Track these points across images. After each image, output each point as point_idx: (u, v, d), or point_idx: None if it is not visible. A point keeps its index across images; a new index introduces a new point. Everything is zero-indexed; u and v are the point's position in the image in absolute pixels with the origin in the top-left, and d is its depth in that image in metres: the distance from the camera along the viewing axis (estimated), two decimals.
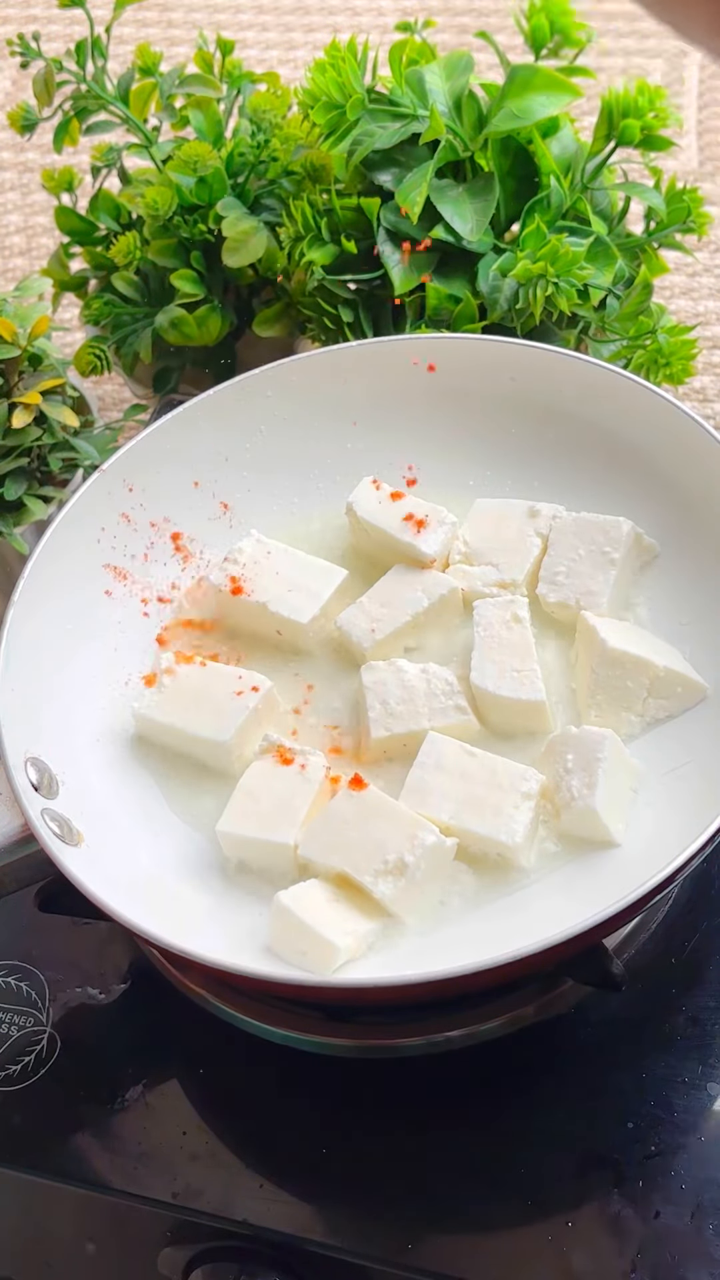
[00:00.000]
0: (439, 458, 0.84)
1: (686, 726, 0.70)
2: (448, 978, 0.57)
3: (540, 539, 0.77)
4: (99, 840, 0.67)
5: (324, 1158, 0.66)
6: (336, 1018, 0.67)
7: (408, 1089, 0.68)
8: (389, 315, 0.93)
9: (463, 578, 0.77)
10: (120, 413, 1.03)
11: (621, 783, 0.67)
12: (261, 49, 1.49)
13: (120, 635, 0.78)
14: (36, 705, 0.71)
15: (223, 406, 0.82)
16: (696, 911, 0.72)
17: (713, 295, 1.19)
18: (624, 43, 1.44)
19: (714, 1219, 0.62)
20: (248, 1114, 0.69)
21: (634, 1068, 0.67)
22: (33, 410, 0.88)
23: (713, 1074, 0.67)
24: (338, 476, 0.84)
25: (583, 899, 0.63)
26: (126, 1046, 0.72)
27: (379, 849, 0.65)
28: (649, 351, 0.89)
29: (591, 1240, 0.62)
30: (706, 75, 1.40)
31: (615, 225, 0.94)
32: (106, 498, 0.79)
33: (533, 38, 0.90)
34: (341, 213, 0.91)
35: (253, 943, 0.65)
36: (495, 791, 0.67)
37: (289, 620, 0.75)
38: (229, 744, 0.71)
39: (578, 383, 0.80)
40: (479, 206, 0.89)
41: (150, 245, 0.95)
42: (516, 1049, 0.68)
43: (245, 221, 0.92)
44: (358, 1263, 0.63)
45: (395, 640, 0.75)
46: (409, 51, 0.93)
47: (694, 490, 0.76)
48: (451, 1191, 0.65)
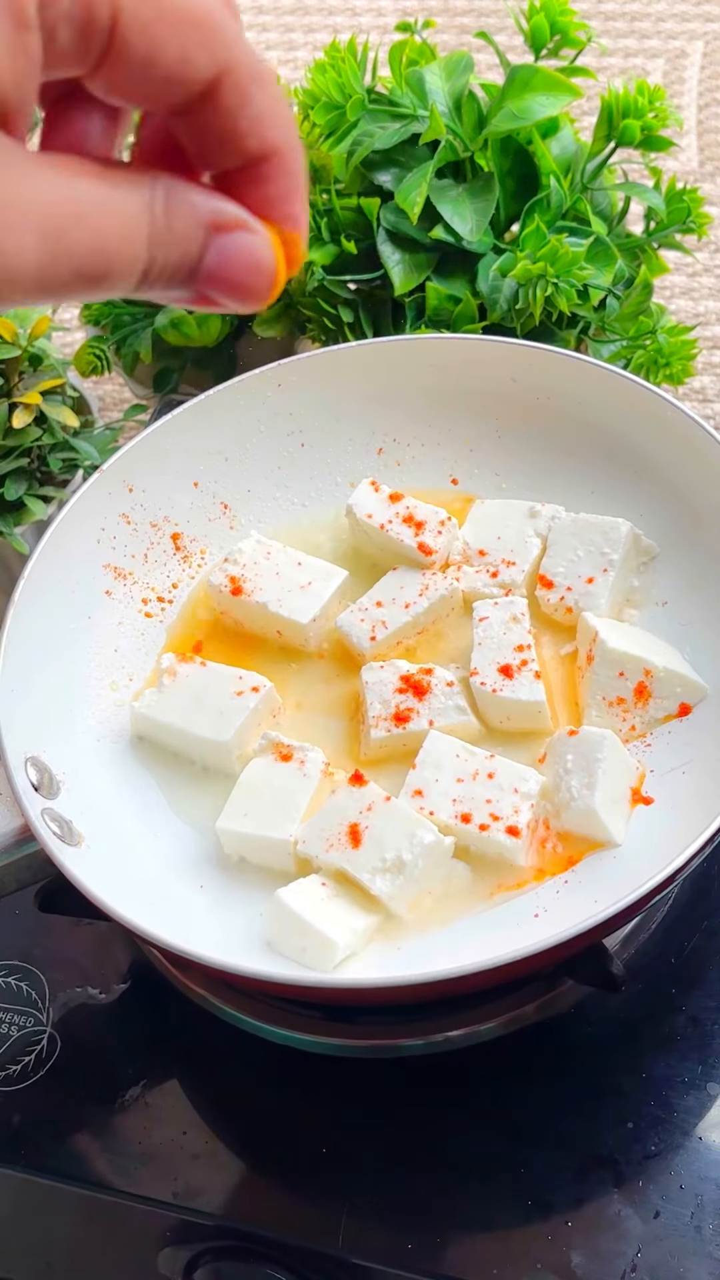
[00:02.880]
0: (439, 458, 0.84)
1: (686, 726, 0.70)
2: (448, 978, 0.57)
3: (540, 539, 0.78)
4: (99, 840, 0.67)
5: (324, 1158, 0.66)
6: (336, 1018, 0.67)
7: (408, 1089, 0.68)
8: (389, 315, 0.93)
9: (463, 578, 0.77)
10: (120, 413, 1.03)
11: (621, 783, 0.68)
12: (261, 49, 1.49)
13: (120, 635, 0.78)
14: (36, 705, 0.71)
15: (223, 406, 0.82)
16: (696, 911, 0.72)
17: (713, 295, 1.19)
18: (624, 43, 1.44)
19: (713, 1219, 0.62)
20: (248, 1114, 0.69)
21: (634, 1068, 0.67)
22: (33, 410, 0.88)
23: (713, 1074, 0.67)
24: (338, 477, 0.84)
25: (582, 899, 0.63)
26: (126, 1046, 0.72)
27: (378, 846, 0.65)
28: (649, 351, 0.89)
29: (591, 1240, 0.62)
30: (706, 75, 1.40)
31: (615, 225, 0.94)
32: (106, 498, 0.79)
33: (533, 38, 0.90)
34: (341, 213, 0.91)
35: (252, 942, 0.65)
36: (495, 791, 0.67)
37: (289, 620, 0.75)
38: (229, 744, 0.71)
39: (578, 383, 0.80)
40: (479, 206, 0.89)
41: None
42: (516, 1049, 0.68)
43: None
44: (358, 1263, 0.63)
45: (395, 640, 0.75)
46: (409, 52, 0.93)
47: (694, 490, 0.76)
48: (451, 1191, 0.65)
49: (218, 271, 0.38)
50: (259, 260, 0.38)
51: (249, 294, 0.39)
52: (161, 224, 0.37)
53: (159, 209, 0.37)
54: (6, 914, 0.75)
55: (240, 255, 0.38)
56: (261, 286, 0.39)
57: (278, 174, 0.38)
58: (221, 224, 0.38)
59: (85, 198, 0.36)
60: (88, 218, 0.35)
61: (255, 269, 0.38)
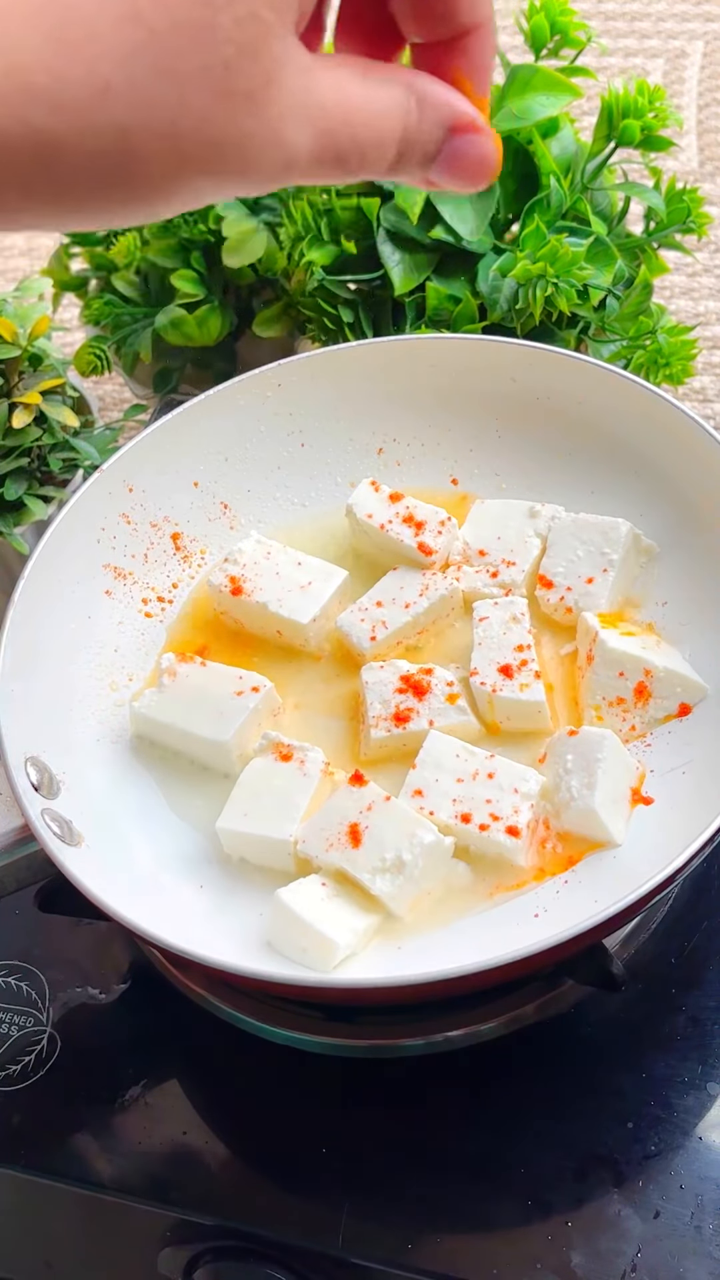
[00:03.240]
0: (439, 458, 0.84)
1: (686, 726, 0.70)
2: (448, 978, 0.57)
3: (540, 539, 0.78)
4: (99, 840, 0.67)
5: (324, 1158, 0.66)
6: (336, 1018, 0.67)
7: (408, 1089, 0.68)
8: (389, 315, 0.93)
9: (463, 578, 0.77)
10: (120, 413, 1.03)
11: (621, 783, 0.68)
12: None
13: (120, 635, 0.78)
14: (36, 705, 0.71)
15: (223, 406, 0.82)
16: (696, 911, 0.72)
17: (713, 295, 1.19)
18: (624, 43, 1.44)
19: (713, 1218, 0.62)
20: (248, 1114, 0.69)
21: (634, 1068, 0.67)
22: (33, 410, 0.88)
23: (713, 1074, 0.67)
24: (338, 477, 0.84)
25: (582, 899, 0.63)
26: (126, 1046, 0.72)
27: (378, 846, 0.65)
28: (649, 352, 0.89)
29: (591, 1240, 0.62)
30: (706, 75, 1.40)
31: (615, 225, 0.94)
32: (106, 498, 0.79)
33: (533, 38, 0.90)
34: (341, 213, 0.91)
35: (253, 942, 0.65)
36: (495, 791, 0.67)
37: (289, 620, 0.75)
38: (229, 744, 0.71)
39: (578, 383, 0.80)
40: (479, 207, 0.89)
41: (150, 245, 0.95)
42: (516, 1049, 0.68)
43: (245, 222, 0.93)
44: (358, 1263, 0.63)
45: (395, 640, 0.75)
46: None
47: (694, 490, 0.76)
48: (451, 1191, 0.65)
49: (451, 164, 0.46)
50: (485, 157, 0.46)
51: (474, 184, 0.46)
52: (414, 123, 0.44)
53: (412, 112, 0.44)
54: (6, 914, 0.75)
55: (472, 153, 0.45)
56: (485, 177, 0.46)
57: (480, 46, 0.46)
58: (460, 125, 0.45)
59: (353, 100, 0.43)
60: (354, 116, 0.43)
61: (481, 164, 0.46)
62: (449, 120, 0.45)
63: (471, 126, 0.45)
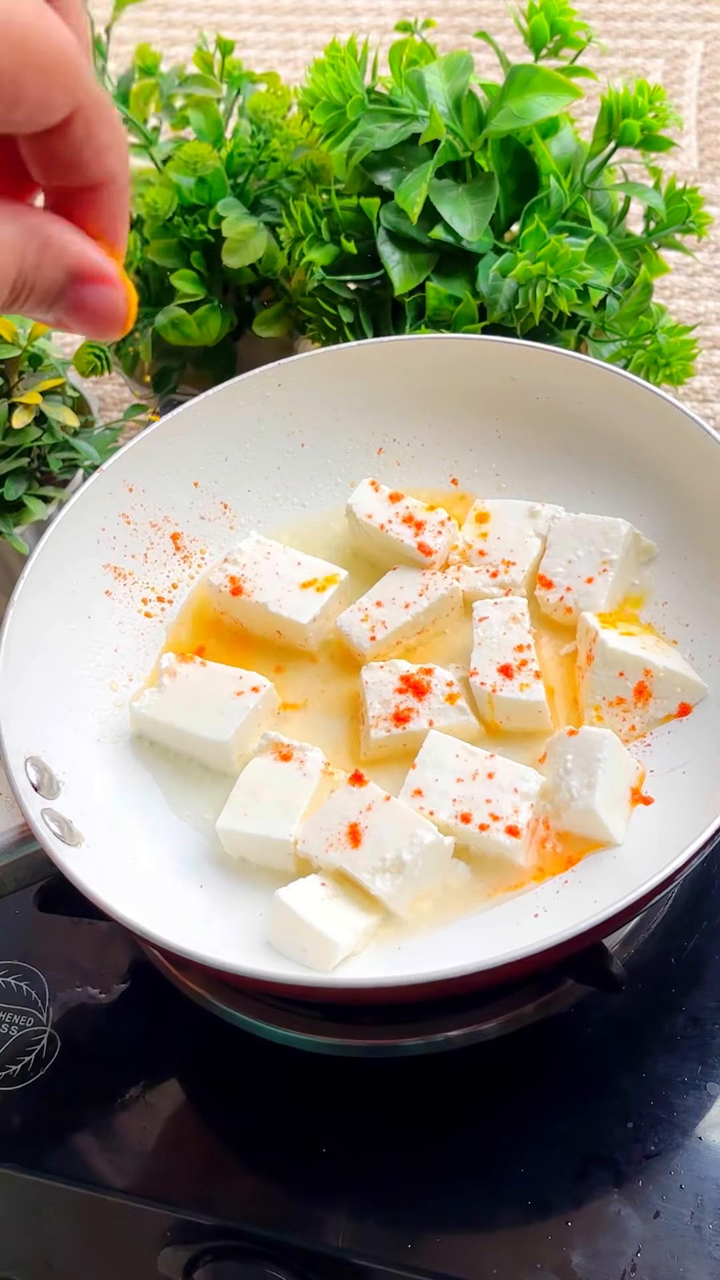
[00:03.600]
0: (439, 458, 0.84)
1: (686, 726, 0.70)
2: (448, 978, 0.57)
3: (539, 539, 0.78)
4: (99, 840, 0.67)
5: (324, 1158, 0.66)
6: (336, 1018, 0.67)
7: (408, 1089, 0.68)
8: (389, 315, 0.93)
9: (463, 578, 0.77)
10: (120, 413, 1.03)
11: (621, 783, 0.68)
12: (261, 49, 1.49)
13: (120, 635, 0.78)
14: (36, 705, 0.71)
15: (223, 406, 0.82)
16: (696, 911, 0.72)
17: (713, 295, 1.19)
18: (624, 43, 1.44)
19: (713, 1218, 0.62)
20: (248, 1114, 0.69)
21: (634, 1068, 0.67)
22: (33, 410, 0.88)
23: (713, 1074, 0.67)
24: (338, 477, 0.84)
25: (582, 899, 0.63)
26: (126, 1046, 0.72)
27: (377, 846, 0.65)
28: (649, 351, 0.89)
29: (591, 1240, 0.62)
30: (706, 75, 1.40)
31: (615, 225, 0.94)
32: (106, 498, 0.79)
33: (533, 38, 0.90)
34: (341, 213, 0.91)
35: (253, 941, 0.65)
36: (495, 791, 0.67)
37: (289, 620, 0.75)
38: (229, 744, 0.71)
39: (578, 383, 0.80)
40: (479, 206, 0.89)
41: (150, 245, 0.95)
42: (516, 1049, 0.68)
43: (245, 222, 0.92)
44: (358, 1263, 0.63)
45: (395, 640, 0.75)
46: (409, 52, 0.93)
47: (694, 490, 0.76)
48: (451, 1191, 0.65)
49: (74, 311, 0.44)
50: (111, 308, 0.44)
51: (101, 333, 0.45)
52: (31, 265, 0.42)
53: (30, 253, 0.42)
54: (6, 914, 0.75)
55: (97, 303, 0.44)
56: (113, 327, 0.45)
57: (109, 200, 0.44)
58: (85, 274, 0.44)
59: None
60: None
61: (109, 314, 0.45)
62: (73, 267, 0.43)
63: (98, 277, 0.44)
